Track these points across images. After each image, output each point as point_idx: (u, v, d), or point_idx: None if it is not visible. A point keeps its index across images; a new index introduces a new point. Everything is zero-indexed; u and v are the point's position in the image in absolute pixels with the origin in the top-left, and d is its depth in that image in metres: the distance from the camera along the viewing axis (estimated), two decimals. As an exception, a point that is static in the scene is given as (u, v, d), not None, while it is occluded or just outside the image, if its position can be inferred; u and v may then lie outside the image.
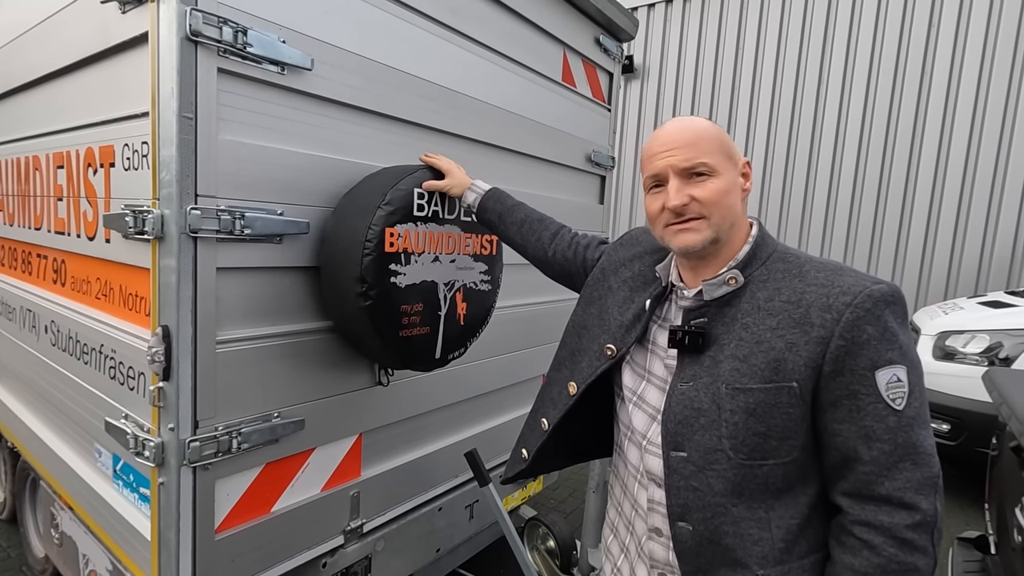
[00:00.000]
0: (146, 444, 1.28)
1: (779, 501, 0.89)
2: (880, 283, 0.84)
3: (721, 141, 0.92)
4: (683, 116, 0.99)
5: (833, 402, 0.84)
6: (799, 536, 0.89)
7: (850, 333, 0.82)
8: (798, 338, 0.84)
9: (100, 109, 1.45)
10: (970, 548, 1.85)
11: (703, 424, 0.89)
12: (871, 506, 0.82)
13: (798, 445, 0.87)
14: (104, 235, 1.47)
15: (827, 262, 0.91)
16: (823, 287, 0.86)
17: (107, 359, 1.49)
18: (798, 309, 0.86)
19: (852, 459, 0.83)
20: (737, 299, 0.92)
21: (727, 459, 0.88)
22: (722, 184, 0.91)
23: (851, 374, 0.82)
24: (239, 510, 1.39)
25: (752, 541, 0.88)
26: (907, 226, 5.66)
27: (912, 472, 0.81)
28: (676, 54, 6.83)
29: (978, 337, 3.59)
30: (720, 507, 0.89)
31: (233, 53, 1.22)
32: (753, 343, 0.87)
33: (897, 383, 0.81)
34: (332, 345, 1.53)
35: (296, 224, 1.38)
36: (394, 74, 1.59)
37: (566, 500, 3.32)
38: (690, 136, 0.92)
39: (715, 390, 0.89)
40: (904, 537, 0.80)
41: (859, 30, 5.81)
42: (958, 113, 5.42)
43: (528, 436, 1.20)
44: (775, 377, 0.85)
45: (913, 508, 0.80)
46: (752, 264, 0.93)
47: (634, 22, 2.53)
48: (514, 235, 1.43)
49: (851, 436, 0.83)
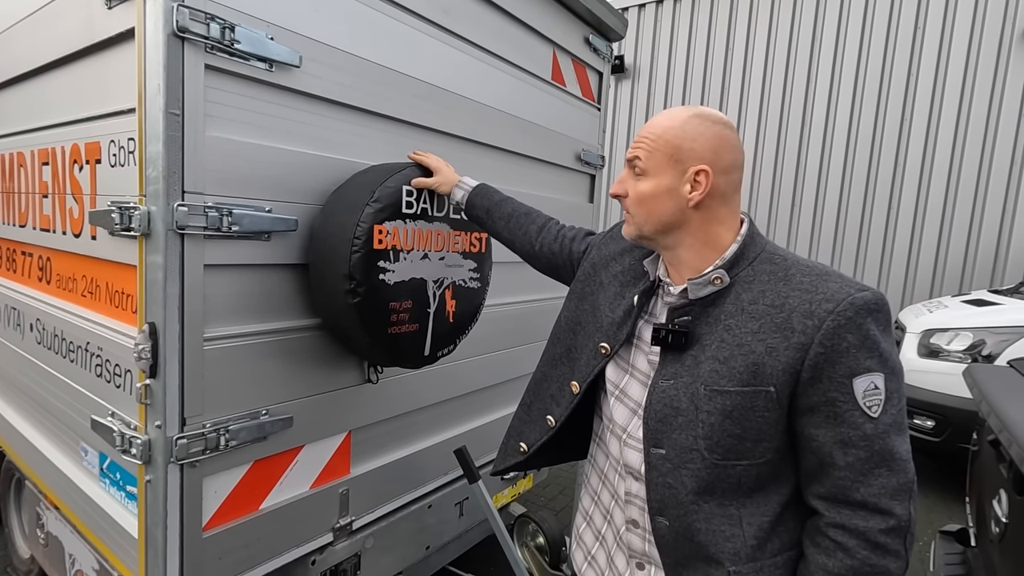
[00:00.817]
0: (133, 442, 1.27)
1: (751, 499, 0.90)
2: (865, 290, 0.84)
3: (672, 144, 0.90)
4: (676, 107, 0.97)
5: (810, 408, 0.85)
6: (771, 534, 0.90)
7: (830, 341, 0.82)
8: (778, 343, 0.85)
9: (86, 105, 1.44)
10: (951, 541, 1.88)
11: (681, 423, 0.90)
12: (846, 510, 0.83)
13: (772, 447, 0.88)
14: (90, 232, 1.46)
15: (814, 265, 0.90)
16: (807, 292, 0.85)
17: (93, 357, 1.48)
18: (780, 313, 0.86)
19: (828, 464, 0.84)
20: (722, 299, 0.91)
21: (702, 458, 0.89)
22: (646, 188, 0.93)
23: (829, 381, 0.82)
24: (227, 508, 1.38)
25: (724, 538, 0.89)
26: (893, 226, 5.73)
27: (887, 478, 0.82)
28: (666, 55, 6.87)
29: (961, 335, 3.64)
30: (692, 504, 0.90)
31: (220, 49, 1.22)
32: (734, 345, 0.88)
33: (874, 391, 0.82)
34: (321, 342, 1.53)
35: (284, 221, 1.38)
36: (384, 72, 1.59)
37: (556, 498, 3.33)
38: (649, 131, 0.93)
39: (694, 390, 0.89)
40: (878, 541, 0.81)
41: (847, 31, 5.87)
42: (943, 115, 5.50)
43: (525, 430, 1.19)
44: (753, 381, 0.85)
45: (888, 513, 0.81)
46: (739, 264, 0.92)
47: (623, 22, 2.55)
48: (502, 230, 1.43)
49: (827, 442, 0.84)
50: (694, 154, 0.89)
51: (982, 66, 5.34)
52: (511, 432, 1.23)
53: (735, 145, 0.92)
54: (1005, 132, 5.29)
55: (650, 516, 0.95)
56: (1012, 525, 1.38)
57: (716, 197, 0.91)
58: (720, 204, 0.92)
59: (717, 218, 0.93)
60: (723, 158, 0.90)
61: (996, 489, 1.52)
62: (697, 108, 0.93)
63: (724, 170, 0.90)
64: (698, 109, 0.93)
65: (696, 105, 1.04)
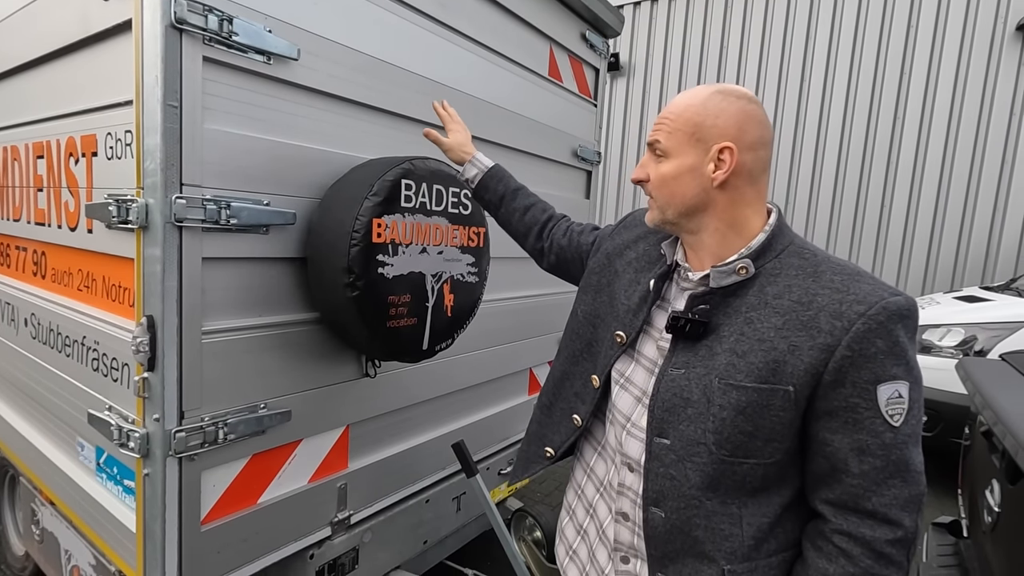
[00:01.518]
0: (131, 435, 1.27)
1: (753, 499, 0.88)
2: (898, 295, 0.80)
3: (693, 122, 0.87)
4: (698, 86, 0.93)
5: (829, 412, 0.82)
6: (769, 535, 0.88)
7: (859, 344, 0.79)
8: (803, 342, 0.81)
9: (82, 98, 1.43)
10: (944, 533, 1.91)
11: (690, 415, 0.87)
12: (854, 518, 0.81)
13: (782, 448, 0.85)
14: (87, 225, 1.45)
15: (845, 264, 0.86)
16: (837, 292, 0.82)
17: (90, 351, 1.47)
18: (807, 311, 0.82)
19: (841, 470, 0.82)
20: (744, 290, 0.87)
21: (708, 453, 0.86)
22: (668, 169, 0.89)
23: (852, 386, 0.80)
24: (225, 501, 1.38)
25: (723, 536, 0.87)
26: (886, 223, 5.78)
27: (900, 489, 0.80)
28: (661, 52, 6.88)
29: (953, 331, 3.68)
30: (694, 499, 0.88)
31: (218, 42, 1.22)
32: (755, 340, 0.84)
33: (898, 399, 0.79)
34: (319, 336, 1.53)
35: (283, 215, 1.38)
36: (382, 66, 1.59)
37: (552, 493, 3.34)
38: (669, 112, 0.90)
39: (707, 382, 0.86)
40: (883, 551, 0.80)
41: (840, 30, 5.90)
42: (935, 114, 5.54)
43: (547, 433, 1.15)
44: (772, 378, 0.82)
45: (896, 524, 0.80)
46: (765, 255, 0.88)
47: (620, 18, 2.55)
48: (516, 223, 1.36)
49: (843, 447, 0.81)
50: (717, 131, 0.85)
51: (974, 64, 5.38)
52: (531, 438, 1.18)
53: (761, 120, 0.87)
54: (996, 130, 5.34)
55: (643, 507, 0.93)
56: (1005, 514, 1.40)
57: (742, 176, 0.87)
58: (747, 184, 0.88)
59: (744, 199, 0.88)
60: (749, 134, 0.85)
61: (989, 480, 1.54)
62: (720, 85, 0.89)
63: (750, 146, 0.86)
64: (721, 86, 0.89)
65: (720, 83, 1.01)
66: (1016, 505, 1.33)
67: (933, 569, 1.68)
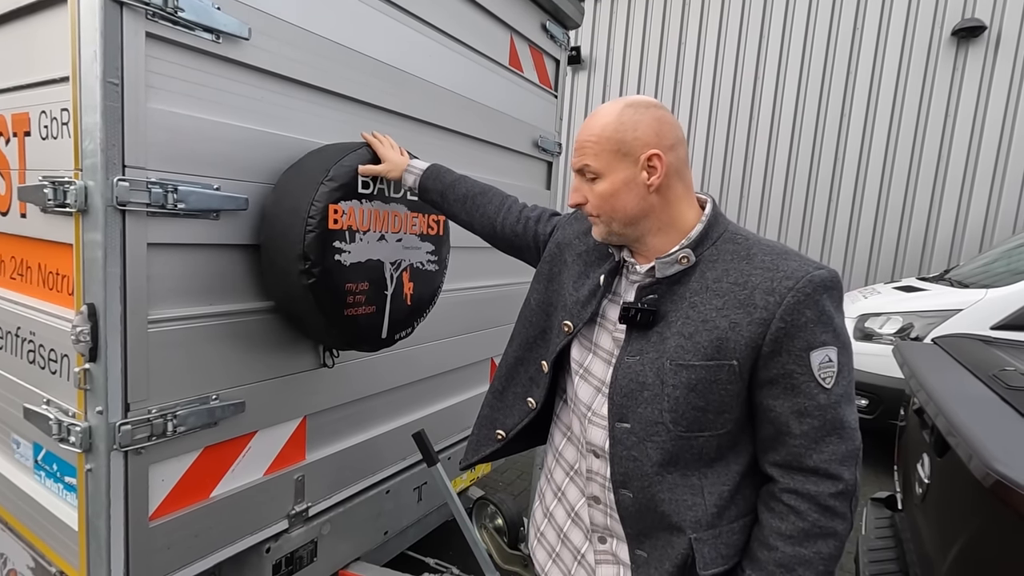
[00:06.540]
0: (71, 429, 1.21)
1: (711, 469, 0.94)
2: (821, 268, 0.88)
3: (615, 139, 0.92)
4: (602, 105, 0.97)
5: (770, 380, 0.89)
6: (730, 502, 0.94)
7: (790, 316, 0.85)
8: (741, 319, 0.88)
9: (13, 74, 1.34)
10: (881, 507, 2.03)
11: (647, 397, 0.93)
12: (799, 476, 0.88)
13: (732, 419, 0.92)
14: (19, 209, 1.37)
15: (774, 245, 0.93)
16: (768, 270, 0.89)
17: (25, 342, 1.40)
18: (743, 291, 0.89)
19: (784, 433, 0.89)
20: (687, 277, 0.94)
21: (667, 431, 0.92)
22: (605, 187, 0.94)
23: (788, 354, 0.87)
24: (175, 496, 1.34)
25: (686, 507, 0.93)
26: (833, 217, 6.06)
27: (837, 445, 0.87)
28: (622, 47, 6.97)
29: (892, 319, 3.89)
30: (657, 476, 0.93)
31: (163, 17, 1.16)
32: (699, 321, 0.91)
33: (828, 363, 0.86)
34: (274, 325, 1.50)
35: (234, 199, 1.34)
36: (338, 49, 1.55)
37: (514, 482, 3.37)
38: (588, 135, 0.94)
39: (660, 365, 0.92)
40: (827, 504, 0.87)
41: (792, 24, 6.11)
42: (878, 114, 5.83)
43: (499, 417, 1.19)
44: (717, 355, 0.89)
45: (837, 478, 0.87)
46: (704, 243, 0.94)
47: (580, 10, 2.57)
48: (459, 212, 1.40)
49: (784, 411, 0.88)
50: (639, 142, 0.91)
51: (913, 67, 5.68)
52: (482, 422, 1.22)
53: (672, 122, 0.94)
54: (932, 130, 5.66)
55: (613, 490, 0.98)
56: (933, 485, 1.50)
57: (671, 175, 0.94)
58: (676, 180, 0.95)
59: (676, 195, 0.95)
60: (667, 137, 0.92)
61: (920, 454, 1.65)
62: (626, 98, 0.95)
63: (671, 147, 0.93)
64: (627, 99, 0.94)
65: (623, 97, 1.06)
66: (943, 476, 1.43)
67: (871, 540, 1.79)
